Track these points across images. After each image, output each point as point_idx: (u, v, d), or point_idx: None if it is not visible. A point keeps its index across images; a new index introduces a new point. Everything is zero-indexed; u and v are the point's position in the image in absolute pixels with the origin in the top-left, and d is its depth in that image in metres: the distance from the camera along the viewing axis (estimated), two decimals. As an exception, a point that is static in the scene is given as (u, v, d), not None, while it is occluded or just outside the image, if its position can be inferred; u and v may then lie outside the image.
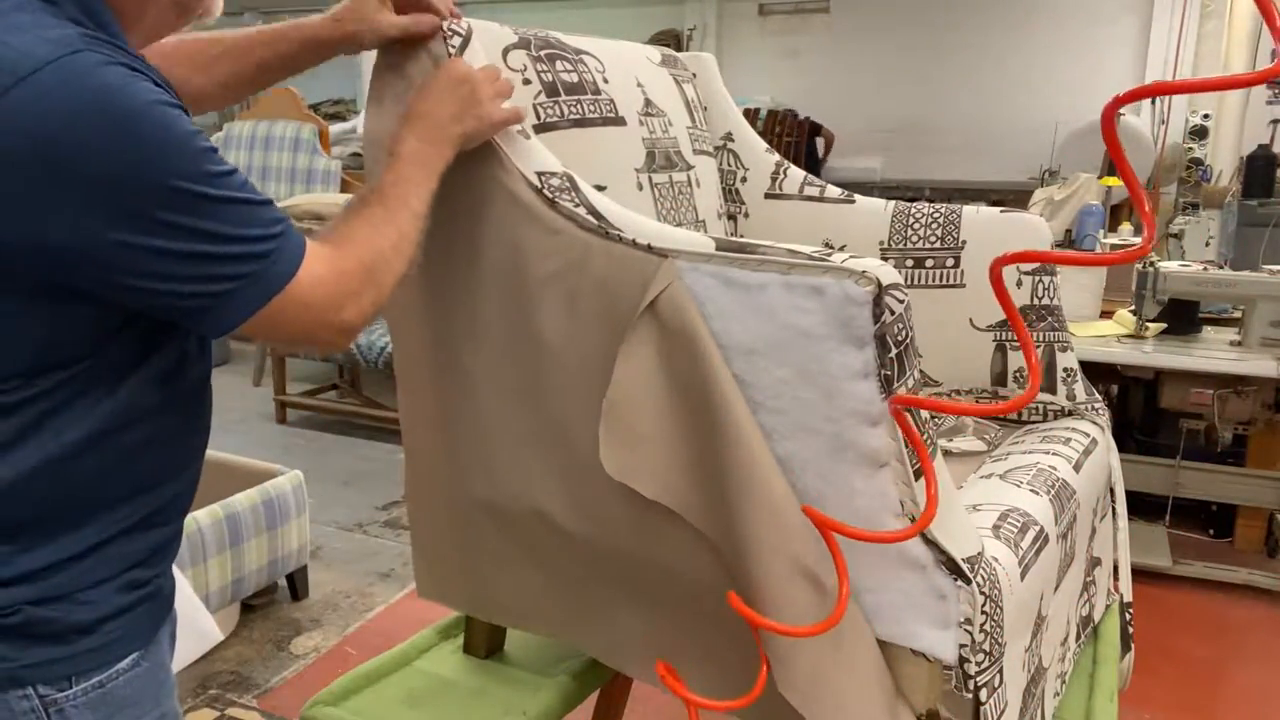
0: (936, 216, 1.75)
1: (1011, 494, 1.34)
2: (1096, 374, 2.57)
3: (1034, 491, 1.35)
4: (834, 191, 1.84)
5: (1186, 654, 2.69)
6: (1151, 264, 2.90)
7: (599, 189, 1.22)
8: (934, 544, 1.00)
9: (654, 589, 1.19)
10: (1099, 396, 1.74)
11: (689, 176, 1.63)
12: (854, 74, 9.03)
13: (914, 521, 0.98)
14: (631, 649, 1.26)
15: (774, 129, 8.53)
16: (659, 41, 8.30)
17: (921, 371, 1.62)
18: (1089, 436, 1.62)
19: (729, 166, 1.86)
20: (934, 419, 1.69)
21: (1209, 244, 4.56)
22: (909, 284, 1.53)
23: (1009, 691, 1.12)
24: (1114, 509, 1.69)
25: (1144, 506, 3.30)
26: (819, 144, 8.91)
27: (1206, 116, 6.21)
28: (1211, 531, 3.41)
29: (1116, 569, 1.72)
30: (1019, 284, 1.69)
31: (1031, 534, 1.24)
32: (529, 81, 1.35)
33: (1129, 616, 1.73)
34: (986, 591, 1.03)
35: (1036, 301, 1.69)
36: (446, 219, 1.14)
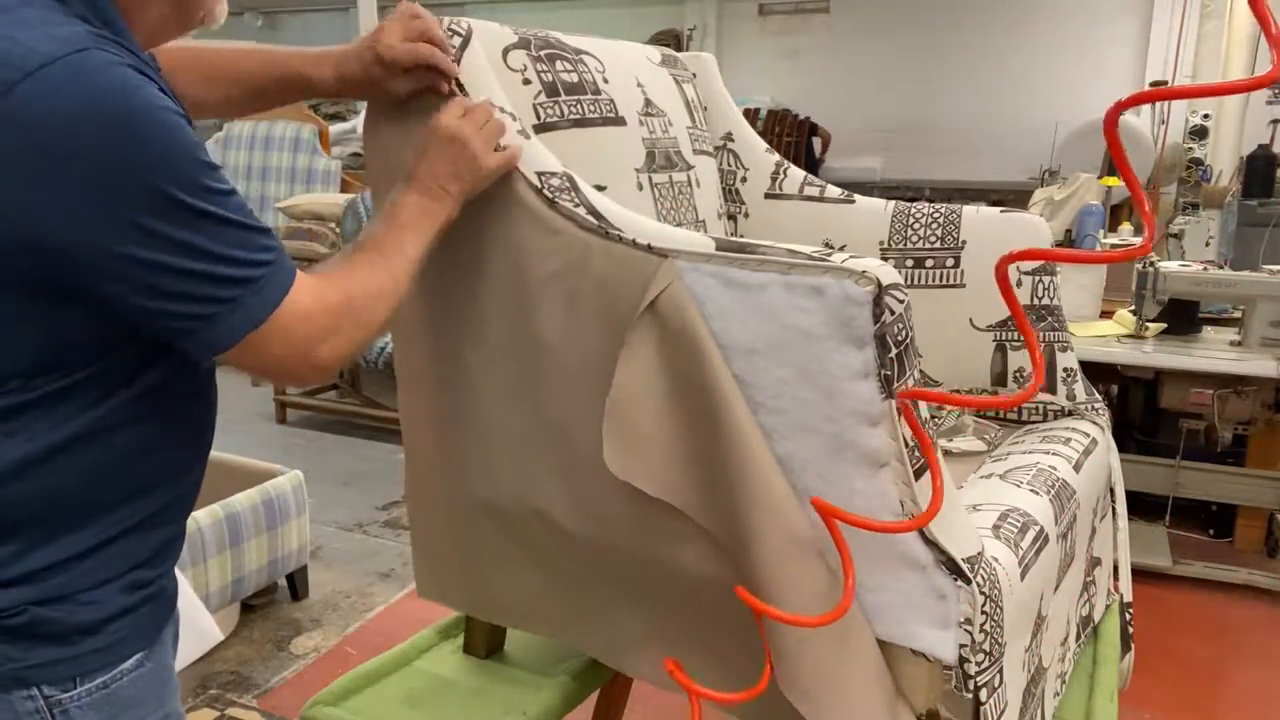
0: (936, 216, 1.75)
1: (1011, 494, 1.34)
2: (1096, 374, 2.57)
3: (1034, 491, 1.35)
4: (834, 191, 1.84)
5: (1186, 654, 2.69)
6: (1151, 264, 2.90)
7: (599, 189, 1.22)
8: (934, 544, 1.00)
9: (654, 588, 1.20)
10: (1099, 396, 1.74)
11: (689, 176, 1.63)
12: (854, 74, 9.02)
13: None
14: (632, 648, 1.26)
15: (774, 129, 8.53)
16: (659, 41, 8.30)
17: (921, 371, 1.62)
18: (1089, 436, 1.62)
19: (729, 166, 1.86)
20: (934, 418, 1.69)
21: (1209, 244, 4.56)
22: (909, 284, 1.53)
23: (1009, 691, 1.12)
24: (1114, 509, 1.69)
25: (1144, 506, 3.30)
26: (816, 143, 8.91)
27: (1206, 116, 6.20)
28: (1211, 531, 3.41)
29: (1116, 569, 1.72)
30: (1019, 284, 1.69)
31: (1031, 534, 1.24)
32: (529, 81, 1.35)
33: (1129, 616, 1.73)
34: (986, 591, 1.03)
35: (1036, 301, 1.69)
36: (447, 219, 1.14)
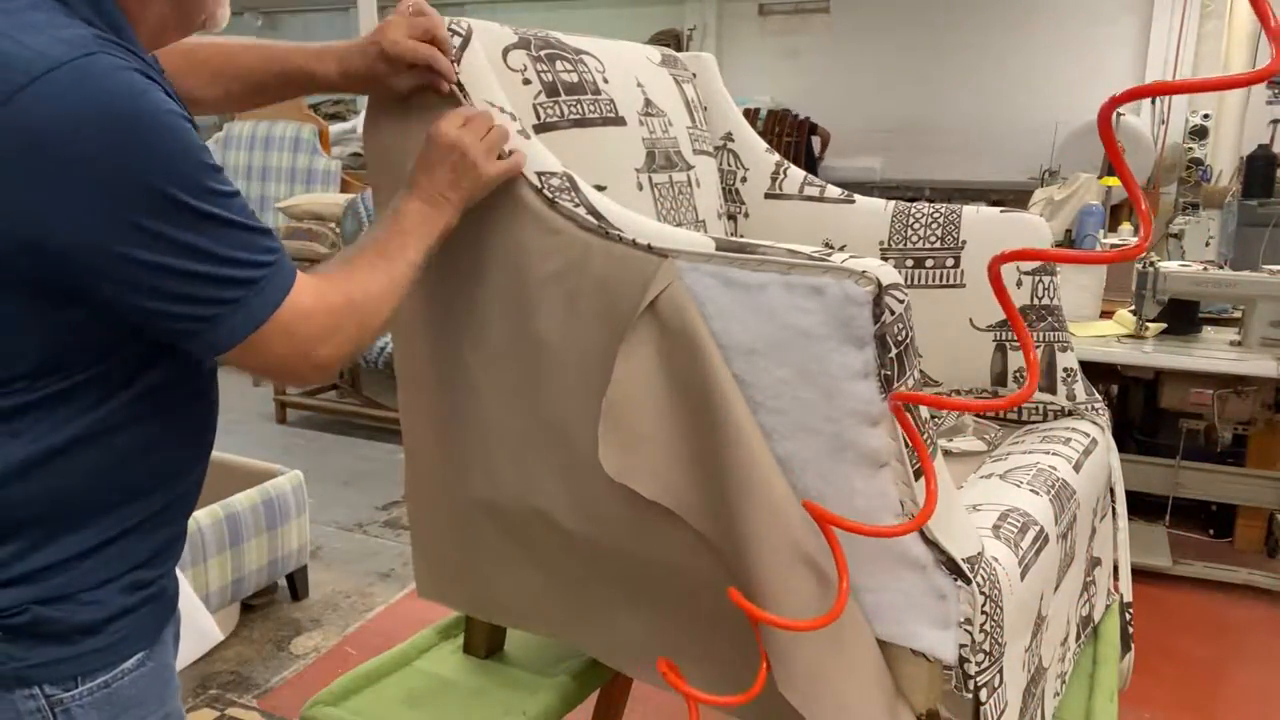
0: (936, 216, 1.75)
1: (1011, 494, 1.34)
2: (1096, 374, 2.57)
3: (1034, 491, 1.35)
4: (834, 191, 1.84)
5: (1186, 654, 2.69)
6: (1151, 264, 2.90)
7: (599, 189, 1.22)
8: (934, 544, 1.00)
9: (654, 589, 1.20)
10: (1099, 396, 1.74)
11: (689, 176, 1.63)
12: (854, 74, 9.02)
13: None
14: (631, 649, 1.26)
15: (774, 129, 8.53)
16: (659, 41, 8.30)
17: (921, 371, 1.62)
18: (1089, 436, 1.62)
19: (729, 166, 1.86)
20: (934, 418, 1.69)
21: (1209, 244, 4.57)
22: (909, 284, 1.53)
23: (1009, 691, 1.12)
24: (1114, 509, 1.69)
25: (1144, 506, 3.30)
26: (815, 142, 8.92)
27: (1206, 116, 6.21)
28: (1211, 531, 3.41)
29: (1116, 569, 1.72)
30: (1019, 284, 1.69)
31: (1031, 534, 1.24)
32: (529, 81, 1.35)
33: (1129, 616, 1.73)
34: (986, 591, 1.03)
35: (1036, 301, 1.69)
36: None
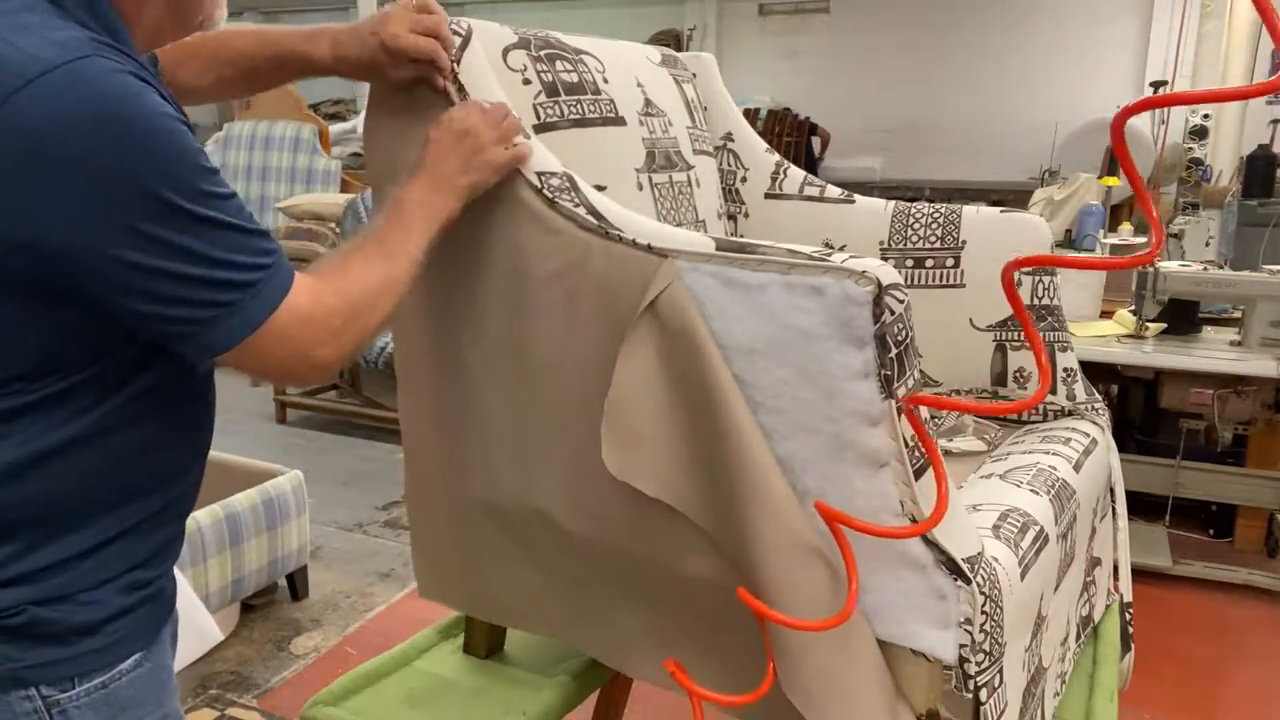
0: (936, 216, 1.74)
1: (1011, 494, 1.34)
2: (1096, 374, 2.57)
3: (1034, 491, 1.35)
4: (834, 191, 1.84)
5: (1186, 654, 2.69)
6: (1152, 264, 2.89)
7: (599, 189, 1.22)
8: (934, 544, 1.00)
9: (655, 589, 1.20)
10: (1099, 396, 1.74)
11: (689, 176, 1.63)
12: (854, 74, 9.02)
13: (914, 520, 0.98)
14: (632, 649, 1.26)
15: (774, 129, 8.53)
16: (659, 41, 8.30)
17: (921, 371, 1.62)
18: (1089, 436, 1.62)
19: (729, 166, 1.86)
20: (934, 418, 1.69)
21: (1209, 244, 4.57)
22: (909, 284, 1.53)
23: (1009, 691, 1.12)
24: (1114, 509, 1.69)
25: (1144, 506, 3.30)
26: (815, 143, 8.92)
27: (1206, 117, 6.21)
28: (1211, 531, 3.41)
29: (1116, 569, 1.72)
30: (1019, 284, 1.69)
31: (1031, 534, 1.24)
32: (529, 81, 1.35)
33: (1129, 616, 1.73)
34: (986, 591, 1.03)
35: (1036, 301, 1.69)
36: (447, 219, 1.14)
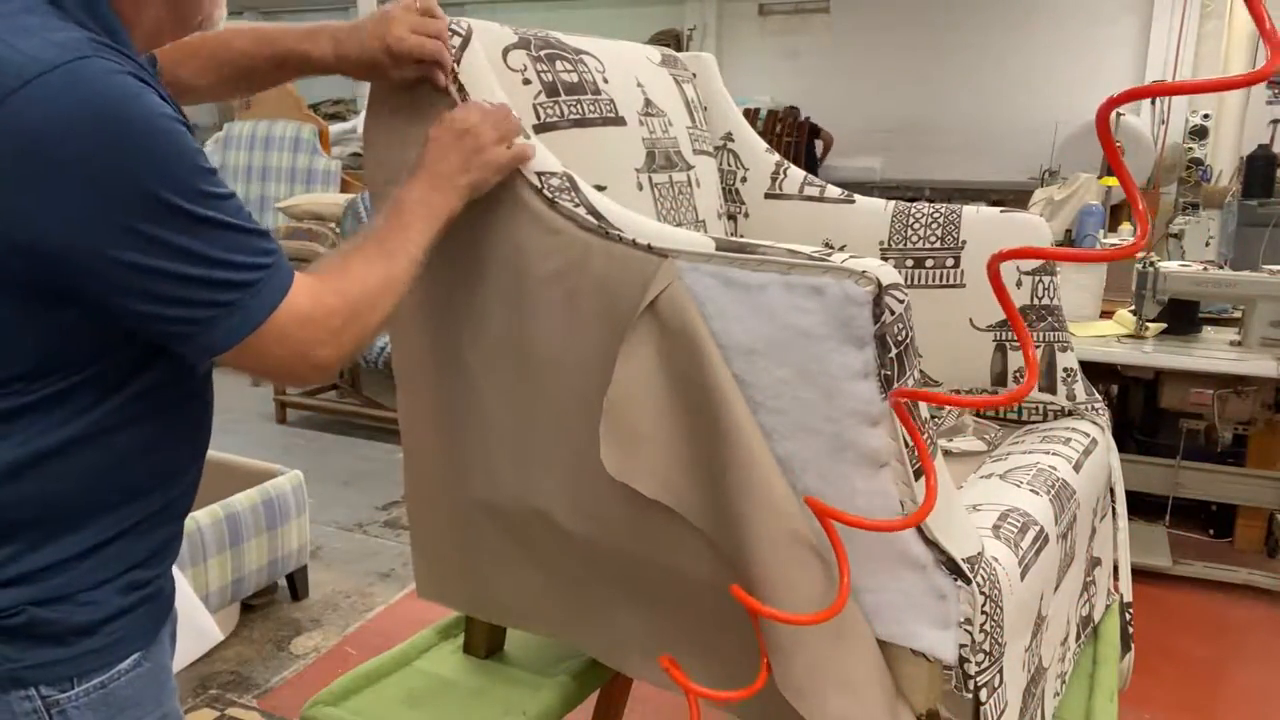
0: (936, 216, 1.75)
1: (1011, 494, 1.34)
2: (1096, 374, 2.57)
3: (1034, 491, 1.35)
4: (834, 191, 1.84)
5: (1186, 654, 2.69)
6: (1151, 264, 2.90)
7: (599, 189, 1.22)
8: (934, 544, 1.00)
9: (654, 589, 1.20)
10: (1099, 396, 1.74)
11: (689, 176, 1.63)
12: (854, 74, 9.03)
13: (914, 521, 0.98)
14: (631, 648, 1.26)
15: (774, 129, 8.54)
16: (659, 41, 8.30)
17: (921, 371, 1.62)
18: (1089, 436, 1.62)
19: (729, 166, 1.86)
20: (934, 418, 1.69)
21: (1209, 244, 4.57)
22: (909, 284, 1.53)
23: (1009, 691, 1.12)
24: (1114, 509, 1.69)
25: (1144, 506, 3.30)
26: (818, 146, 8.93)
27: (1206, 116, 6.21)
28: (1211, 531, 3.41)
29: (1116, 569, 1.72)
30: (1019, 284, 1.69)
31: (1031, 534, 1.24)
32: (529, 81, 1.35)
33: (1129, 616, 1.73)
34: (986, 591, 1.03)
35: (1036, 301, 1.69)
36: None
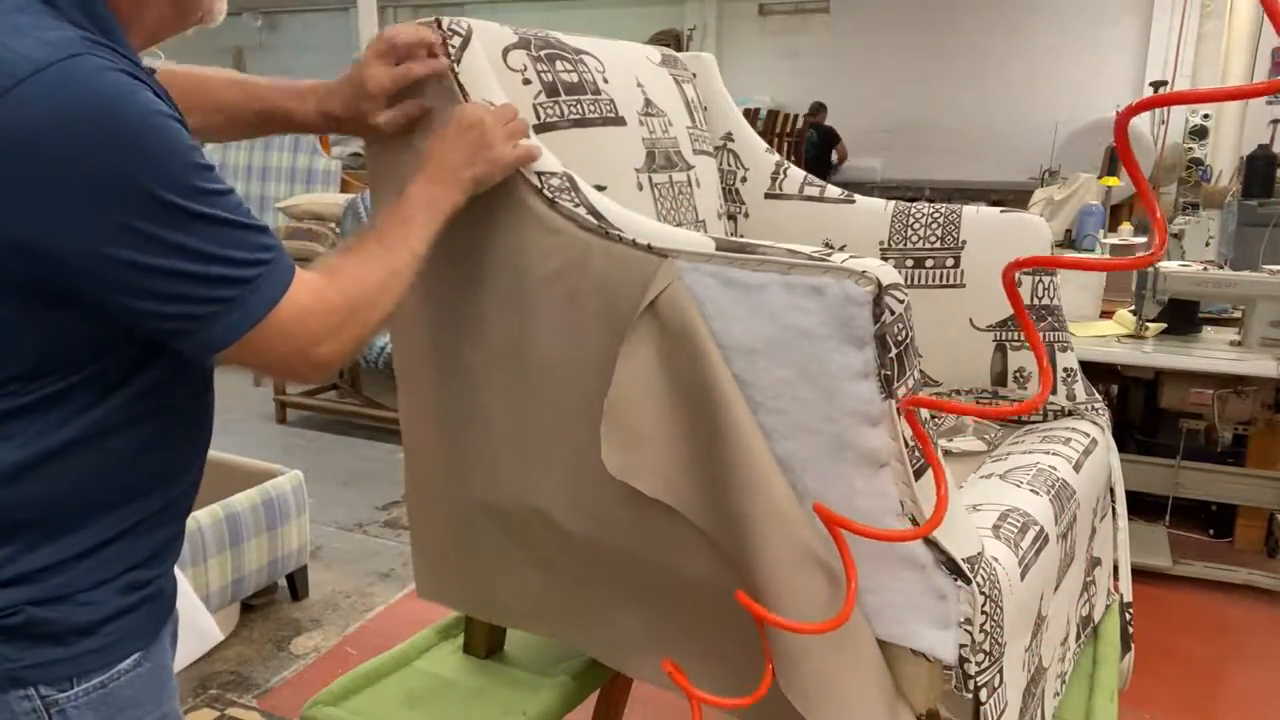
0: (936, 216, 1.74)
1: (1011, 494, 1.34)
2: (1096, 374, 2.57)
3: (1034, 491, 1.35)
4: (834, 191, 1.84)
5: (1186, 654, 2.69)
6: (1152, 265, 2.90)
7: (599, 189, 1.22)
8: (934, 544, 1.00)
9: (654, 589, 1.20)
10: (1099, 396, 1.74)
11: (689, 176, 1.63)
12: (854, 74, 9.04)
13: (914, 521, 0.98)
14: (632, 649, 1.26)
15: (774, 129, 8.54)
16: (659, 41, 8.30)
17: (921, 371, 1.61)
18: (1089, 436, 1.62)
19: (729, 166, 1.86)
20: (934, 418, 1.69)
21: (1209, 244, 4.56)
22: (909, 284, 1.53)
23: (1009, 691, 1.12)
24: (1114, 509, 1.69)
25: (1144, 506, 3.30)
26: (834, 155, 8.93)
27: (1206, 117, 6.21)
28: (1211, 531, 3.41)
29: (1116, 569, 1.72)
30: (1018, 284, 1.69)
31: (1031, 534, 1.24)
32: (529, 81, 1.35)
33: (1129, 616, 1.73)
34: (986, 591, 1.03)
35: (1036, 301, 1.68)
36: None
